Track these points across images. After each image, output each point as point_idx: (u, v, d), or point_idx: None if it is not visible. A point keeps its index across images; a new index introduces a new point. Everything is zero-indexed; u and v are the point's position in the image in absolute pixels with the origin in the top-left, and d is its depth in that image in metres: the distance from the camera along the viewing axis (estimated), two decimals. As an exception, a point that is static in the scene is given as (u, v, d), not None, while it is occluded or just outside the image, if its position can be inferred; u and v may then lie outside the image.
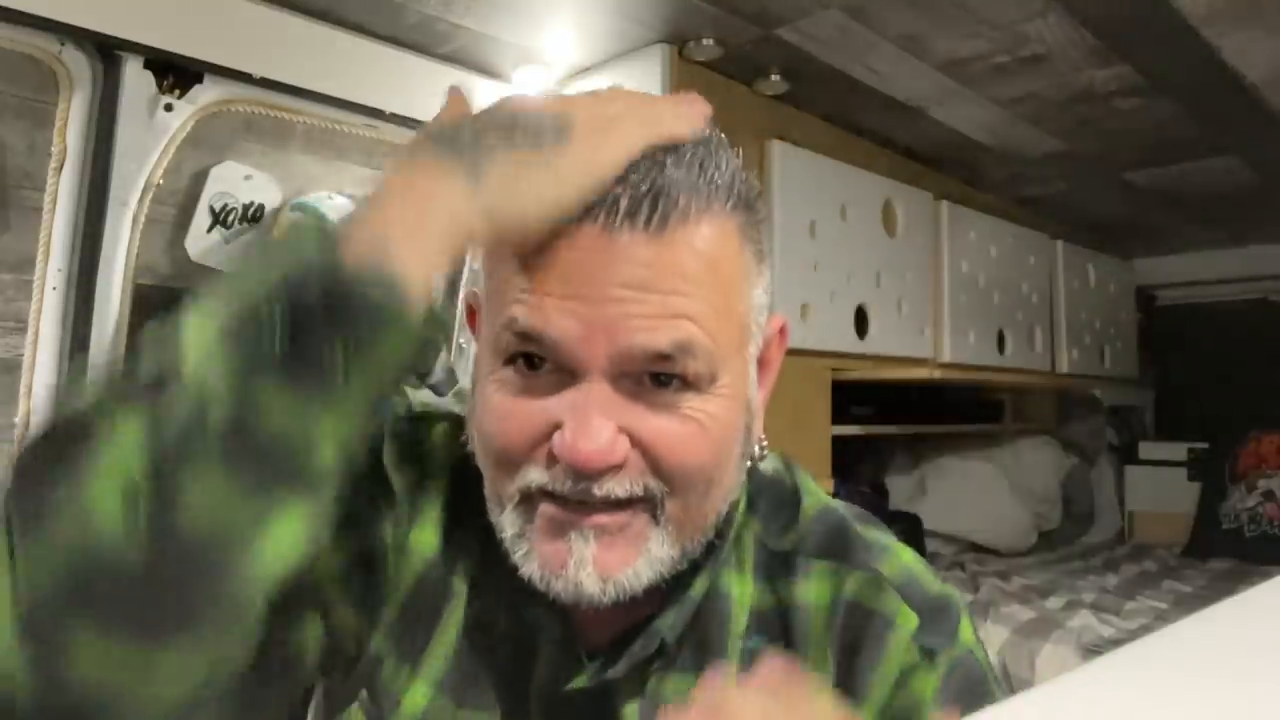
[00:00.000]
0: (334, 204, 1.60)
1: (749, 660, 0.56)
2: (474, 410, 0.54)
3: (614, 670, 0.54)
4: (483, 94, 1.70)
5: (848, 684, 0.55)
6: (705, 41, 1.58)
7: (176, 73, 1.37)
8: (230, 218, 1.54)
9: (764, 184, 1.81)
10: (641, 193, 0.47)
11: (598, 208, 0.47)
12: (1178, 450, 3.30)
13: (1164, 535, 3.17)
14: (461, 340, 1.86)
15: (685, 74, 1.64)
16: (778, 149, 1.81)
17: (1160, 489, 3.31)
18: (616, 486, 0.48)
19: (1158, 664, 0.33)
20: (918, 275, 2.18)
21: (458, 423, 0.61)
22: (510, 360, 0.50)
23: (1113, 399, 3.41)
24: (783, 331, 0.58)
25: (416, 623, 0.58)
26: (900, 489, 2.90)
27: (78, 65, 1.30)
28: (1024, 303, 2.60)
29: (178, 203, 1.49)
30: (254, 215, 1.56)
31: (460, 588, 0.58)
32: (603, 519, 0.49)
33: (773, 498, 0.61)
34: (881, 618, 0.55)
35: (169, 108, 1.38)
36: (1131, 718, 0.28)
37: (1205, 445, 3.20)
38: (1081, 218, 2.89)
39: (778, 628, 0.57)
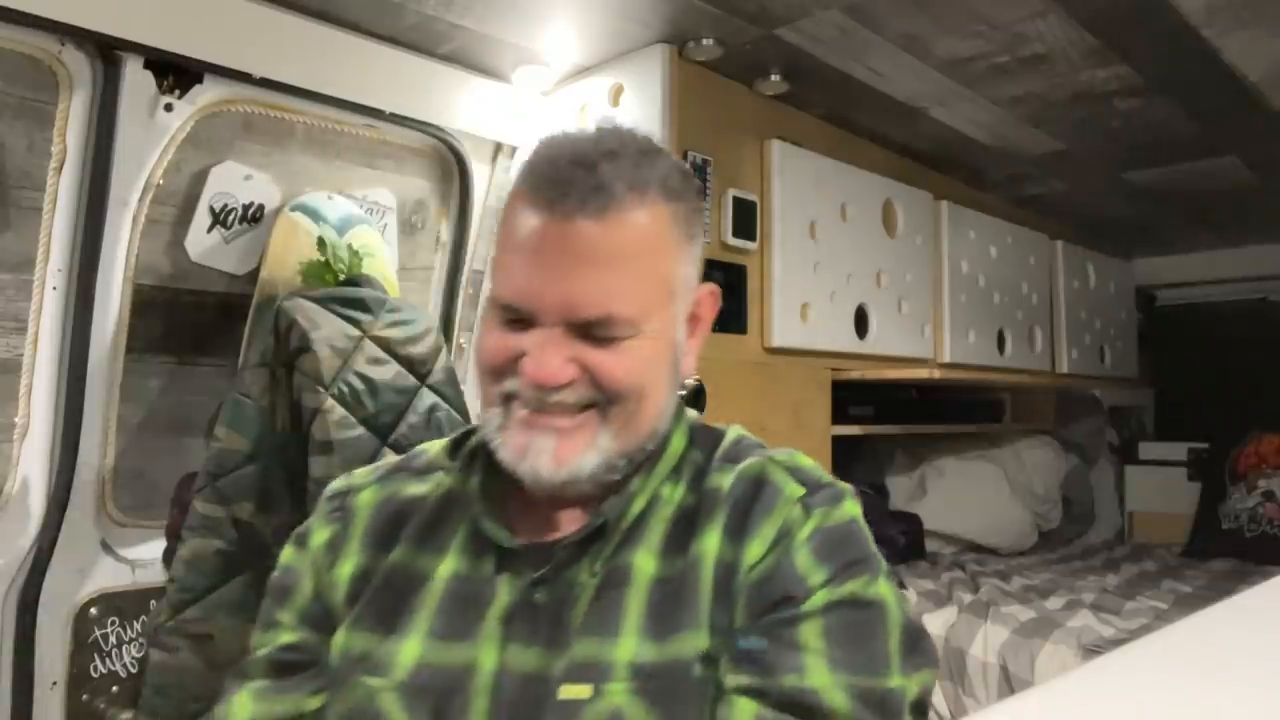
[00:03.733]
0: (334, 204, 1.60)
1: (670, 543, 0.69)
2: (476, 343, 0.77)
3: (566, 539, 0.68)
4: (482, 94, 1.71)
5: (740, 528, 0.68)
6: (705, 41, 1.58)
7: (176, 73, 1.37)
8: (230, 218, 1.54)
9: (764, 184, 1.81)
10: (589, 189, 0.65)
11: (558, 205, 0.65)
12: (1178, 450, 3.30)
13: (1164, 535, 3.18)
14: (461, 340, 1.86)
15: (685, 74, 1.64)
16: (778, 149, 1.81)
17: (1160, 489, 3.31)
18: (568, 396, 0.67)
19: (1158, 664, 0.33)
20: (918, 275, 2.18)
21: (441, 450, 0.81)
22: (497, 313, 0.69)
23: (1113, 399, 3.41)
24: (713, 294, 0.76)
25: (387, 609, 0.70)
26: (900, 489, 2.90)
27: (78, 65, 1.30)
28: (1024, 303, 2.60)
29: (178, 203, 1.49)
30: (254, 215, 1.56)
31: (432, 566, 0.71)
32: (562, 422, 0.67)
33: (706, 437, 0.78)
34: (773, 486, 0.70)
35: (169, 108, 1.38)
36: (1131, 718, 0.28)
37: (1205, 445, 3.20)
38: (1081, 218, 2.89)
39: (694, 511, 0.71)
